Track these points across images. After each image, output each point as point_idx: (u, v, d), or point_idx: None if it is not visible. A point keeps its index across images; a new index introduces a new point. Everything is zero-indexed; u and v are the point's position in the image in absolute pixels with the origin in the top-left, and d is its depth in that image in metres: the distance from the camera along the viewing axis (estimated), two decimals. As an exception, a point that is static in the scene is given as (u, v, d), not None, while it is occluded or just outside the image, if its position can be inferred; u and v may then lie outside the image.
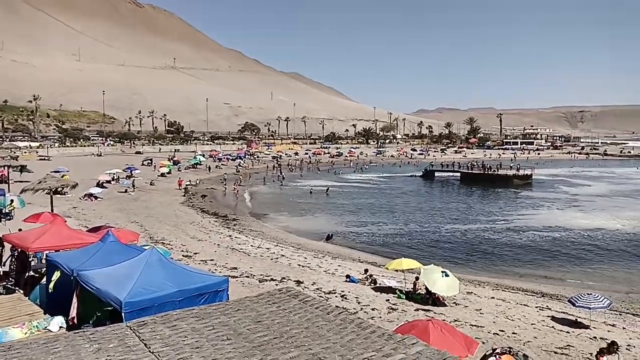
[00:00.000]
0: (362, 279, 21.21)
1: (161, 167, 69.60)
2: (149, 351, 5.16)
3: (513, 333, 15.22)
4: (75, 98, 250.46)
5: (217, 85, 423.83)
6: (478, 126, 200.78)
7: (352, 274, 22.04)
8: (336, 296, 18.19)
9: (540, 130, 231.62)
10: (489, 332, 15.03)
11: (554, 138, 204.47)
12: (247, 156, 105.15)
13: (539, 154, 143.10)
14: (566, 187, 67.06)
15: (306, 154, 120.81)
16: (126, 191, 47.77)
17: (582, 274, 26.57)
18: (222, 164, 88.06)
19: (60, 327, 9.44)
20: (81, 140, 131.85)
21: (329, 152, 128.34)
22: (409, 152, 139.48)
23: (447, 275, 17.81)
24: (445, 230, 37.58)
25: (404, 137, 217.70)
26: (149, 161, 78.08)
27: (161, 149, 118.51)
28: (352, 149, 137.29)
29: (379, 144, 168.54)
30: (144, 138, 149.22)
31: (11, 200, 28.83)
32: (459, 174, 78.24)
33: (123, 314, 8.19)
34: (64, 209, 32.14)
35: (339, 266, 24.87)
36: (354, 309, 16.33)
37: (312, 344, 5.34)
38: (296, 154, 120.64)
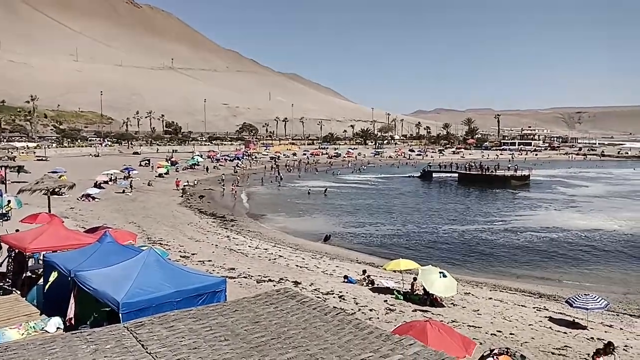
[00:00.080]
0: (360, 280, 21.22)
1: (159, 167, 69.45)
2: (146, 352, 5.15)
3: (510, 334, 15.25)
4: (73, 98, 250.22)
5: (215, 85, 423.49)
6: (476, 127, 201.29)
7: (350, 274, 22.05)
8: (334, 297, 18.19)
9: (538, 131, 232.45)
10: (486, 333, 15.06)
11: (552, 139, 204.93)
12: (245, 157, 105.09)
13: (536, 154, 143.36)
14: (563, 188, 67.23)
15: (304, 154, 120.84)
16: (124, 192, 47.69)
17: (579, 274, 26.64)
18: (220, 165, 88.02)
19: (58, 328, 9.44)
20: (79, 140, 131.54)
21: (327, 153, 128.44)
22: (406, 152, 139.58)
23: (444, 276, 17.86)
24: (443, 231, 37.63)
25: (402, 137, 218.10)
26: (147, 162, 77.99)
27: (159, 150, 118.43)
28: (350, 150, 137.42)
29: (377, 144, 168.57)
30: (141, 138, 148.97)
31: (8, 201, 28.79)
32: (457, 175, 78.39)
33: (120, 314, 8.19)
34: (62, 210, 32.06)
35: (337, 267, 24.87)
36: (352, 309, 16.34)
37: (309, 345, 5.34)
38: (294, 154, 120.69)
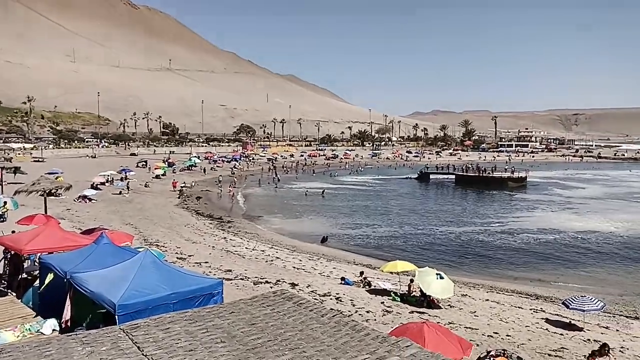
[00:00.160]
0: (357, 282, 21.22)
1: (156, 169, 69.38)
2: (142, 354, 5.13)
3: (507, 335, 15.27)
4: (70, 99, 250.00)
5: (212, 87, 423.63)
6: (473, 129, 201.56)
7: (347, 276, 22.04)
8: (331, 299, 18.17)
9: (535, 132, 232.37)
10: (483, 335, 15.07)
11: (549, 141, 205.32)
12: (242, 158, 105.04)
13: (533, 156, 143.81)
14: (560, 190, 67.44)
15: (302, 156, 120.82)
16: (120, 193, 47.57)
17: (575, 276, 26.70)
18: (217, 166, 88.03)
19: (53, 330, 9.41)
20: (75, 141, 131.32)
21: (324, 154, 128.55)
22: (404, 154, 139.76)
23: (441, 278, 17.86)
24: (440, 233, 37.66)
25: (399, 139, 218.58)
26: (144, 163, 77.82)
27: (156, 151, 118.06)
28: (347, 151, 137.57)
29: (375, 146, 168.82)
30: (138, 140, 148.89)
31: (5, 202, 28.68)
32: (454, 177, 78.50)
33: (116, 316, 8.17)
34: (58, 211, 31.97)
35: (334, 268, 24.85)
36: (349, 311, 16.32)
37: (306, 347, 5.34)
38: (292, 156, 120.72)
